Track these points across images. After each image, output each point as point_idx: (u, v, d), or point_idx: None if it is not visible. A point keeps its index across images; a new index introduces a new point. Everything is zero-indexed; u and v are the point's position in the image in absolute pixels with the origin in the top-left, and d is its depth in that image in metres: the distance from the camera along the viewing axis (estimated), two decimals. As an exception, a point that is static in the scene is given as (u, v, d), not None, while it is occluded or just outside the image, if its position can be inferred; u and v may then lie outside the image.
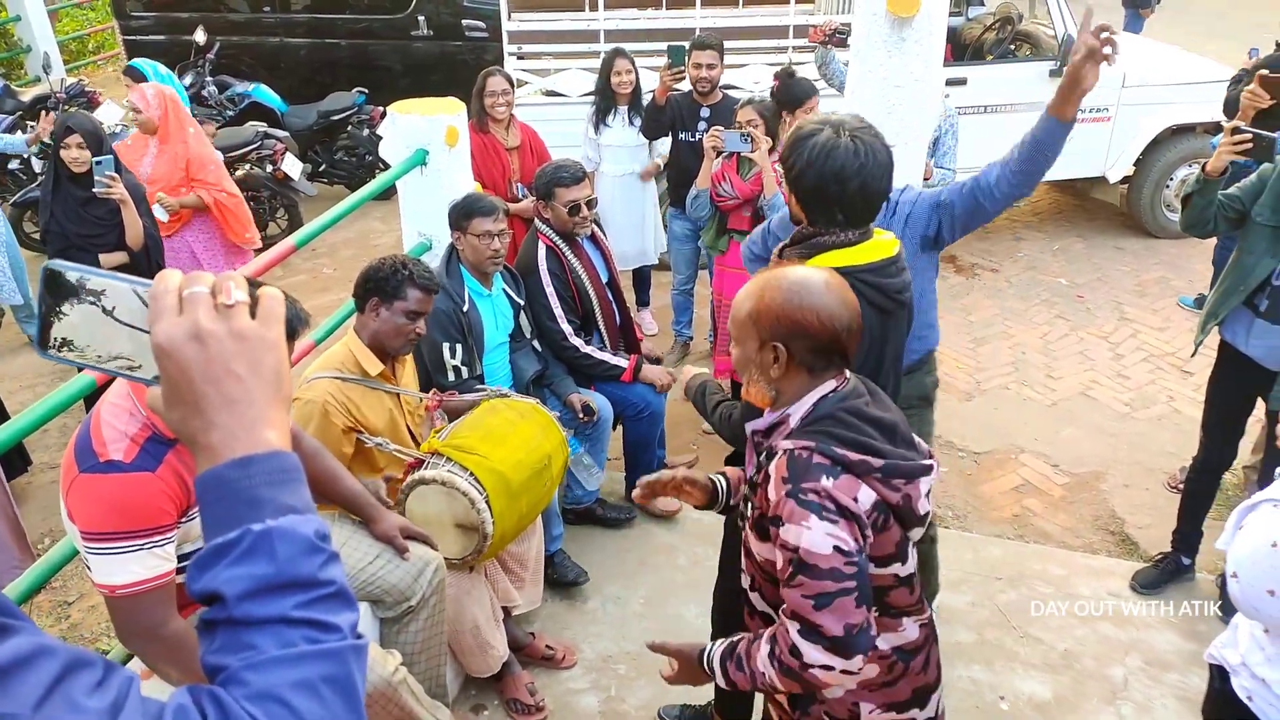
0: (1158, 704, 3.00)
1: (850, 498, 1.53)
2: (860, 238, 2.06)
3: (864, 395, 1.65)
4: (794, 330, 1.58)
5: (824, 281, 1.62)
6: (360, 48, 8.33)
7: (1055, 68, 6.02)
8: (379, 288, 2.67)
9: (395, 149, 3.86)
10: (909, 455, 1.61)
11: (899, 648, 1.72)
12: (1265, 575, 1.55)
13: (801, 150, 2.03)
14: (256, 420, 0.76)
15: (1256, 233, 3.01)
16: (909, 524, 1.64)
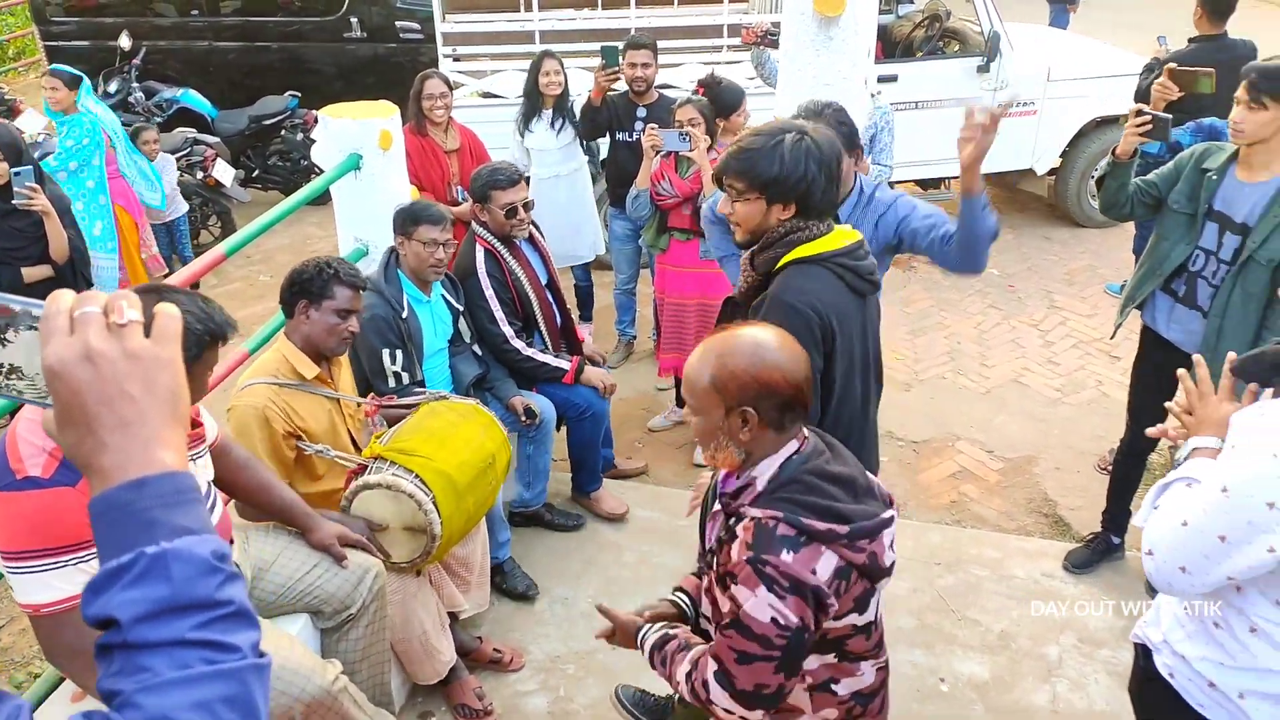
0: (1090, 680, 3.10)
1: (808, 570, 1.56)
2: (828, 229, 2.12)
3: (824, 452, 1.67)
4: (761, 392, 1.60)
5: (777, 338, 1.65)
6: (292, 51, 8.20)
7: (982, 63, 6.18)
8: (305, 289, 2.65)
9: (328, 153, 3.82)
10: (870, 509, 1.63)
11: (857, 692, 1.77)
12: (1176, 552, 1.60)
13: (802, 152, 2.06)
14: (150, 441, 0.75)
15: (1172, 219, 3.11)
16: (875, 578, 1.66)
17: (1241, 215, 2.91)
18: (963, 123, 2.45)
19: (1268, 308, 2.90)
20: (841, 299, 2.09)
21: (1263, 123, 2.81)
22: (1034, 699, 3.04)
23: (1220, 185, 2.96)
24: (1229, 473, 1.53)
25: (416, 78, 4.64)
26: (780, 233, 2.09)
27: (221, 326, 1.97)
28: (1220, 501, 1.52)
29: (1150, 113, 3.07)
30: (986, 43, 6.13)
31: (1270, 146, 2.85)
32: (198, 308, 1.94)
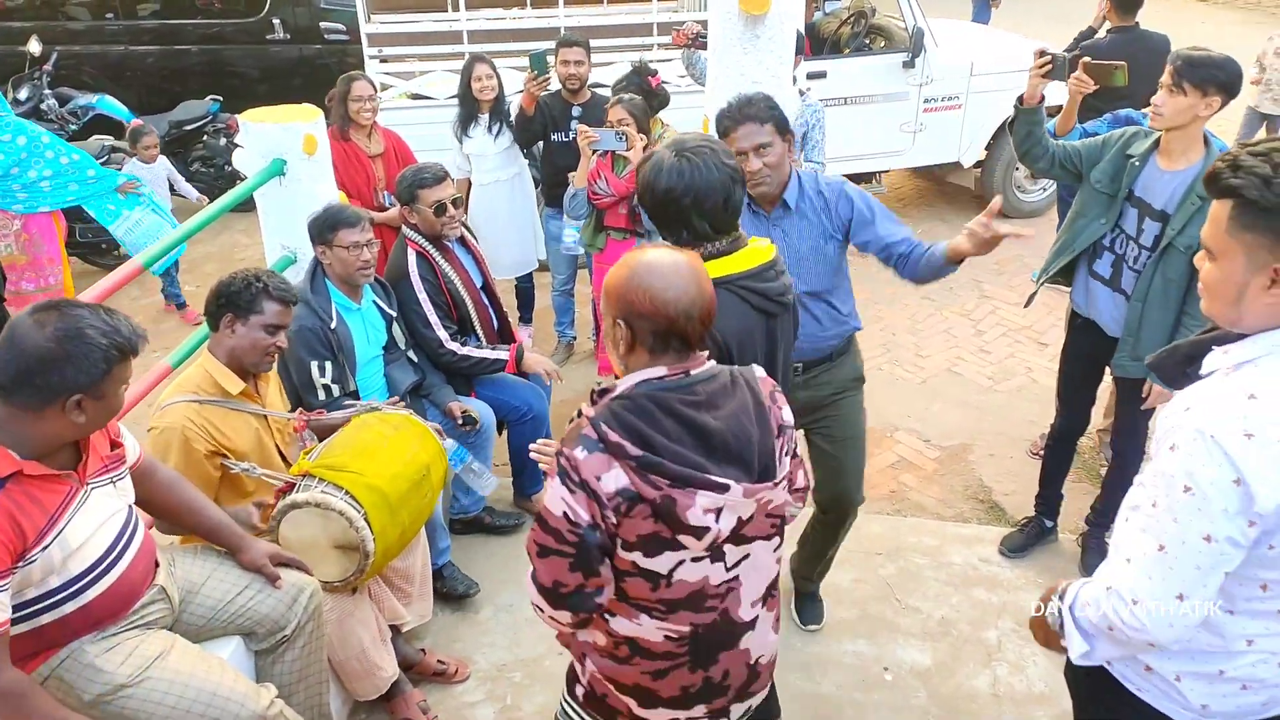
0: (1029, 662, 3.16)
1: (594, 476, 1.58)
2: (731, 246, 2.08)
3: (696, 395, 1.62)
4: (630, 310, 1.62)
5: (672, 265, 1.63)
6: (212, 54, 7.99)
7: (907, 59, 6.28)
8: (232, 302, 2.57)
9: (251, 159, 3.72)
10: (696, 461, 1.59)
11: (630, 638, 1.74)
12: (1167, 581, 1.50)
13: (640, 172, 2.10)
14: None
15: (1092, 196, 3.16)
16: (675, 528, 1.62)
17: (1160, 202, 2.98)
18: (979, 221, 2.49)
19: (1188, 294, 2.97)
20: (744, 322, 2.07)
21: (1181, 108, 2.87)
22: (976, 684, 3.10)
23: (1142, 171, 3.02)
24: (1181, 473, 1.44)
25: (340, 79, 4.55)
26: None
27: (129, 340, 1.89)
28: (1189, 505, 1.44)
29: (1050, 53, 3.17)
30: (911, 39, 6.23)
31: (1188, 135, 2.92)
32: (102, 321, 1.86)
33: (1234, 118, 7.06)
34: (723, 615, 1.74)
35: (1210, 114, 2.88)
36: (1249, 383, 1.44)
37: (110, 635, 2.03)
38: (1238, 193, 1.42)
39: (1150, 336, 3.06)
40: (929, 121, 6.54)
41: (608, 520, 1.60)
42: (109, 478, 2.03)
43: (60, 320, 1.80)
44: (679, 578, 1.67)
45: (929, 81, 6.41)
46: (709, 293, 1.65)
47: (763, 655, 1.87)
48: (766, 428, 1.70)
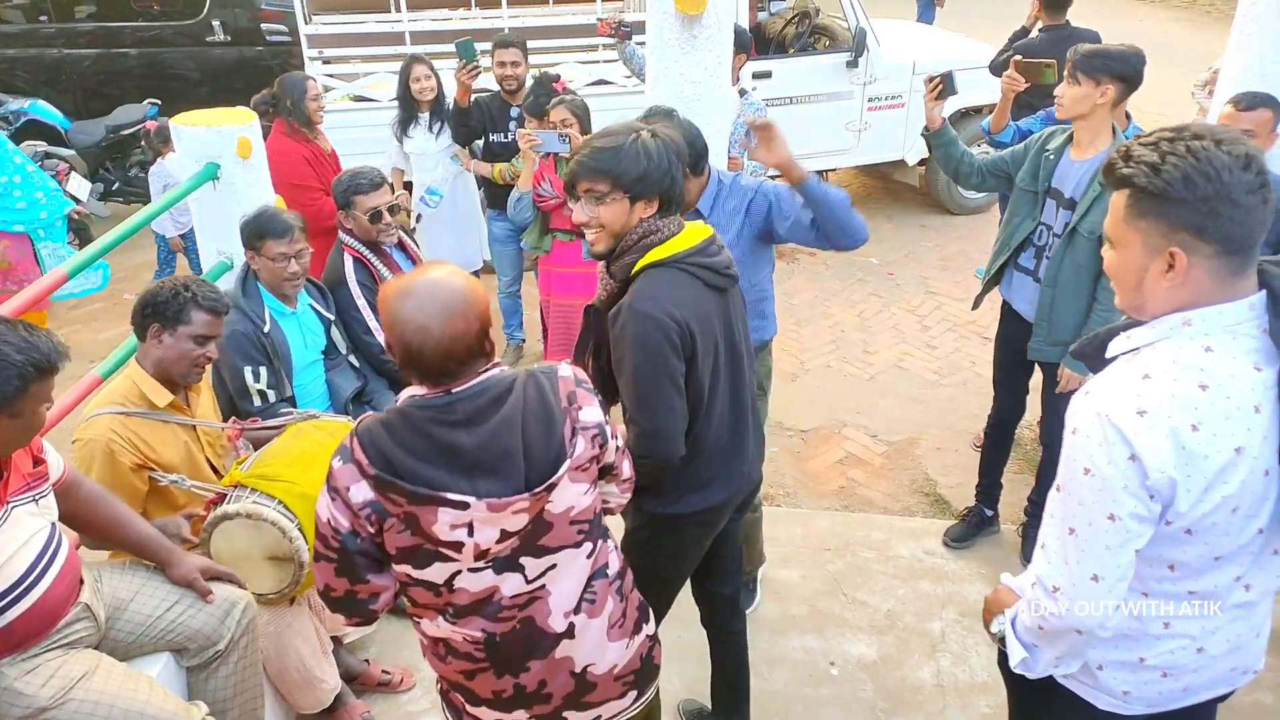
0: (972, 652, 3.20)
1: (345, 486, 1.63)
2: (679, 228, 2.10)
3: (453, 415, 1.61)
4: (392, 337, 1.62)
5: (426, 297, 1.58)
6: (151, 56, 7.81)
7: (851, 59, 6.33)
8: (159, 312, 2.51)
9: (183, 164, 3.64)
10: (441, 481, 1.59)
11: (439, 638, 1.80)
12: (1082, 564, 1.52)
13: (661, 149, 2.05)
14: None
15: (1020, 197, 3.28)
16: (425, 540, 1.64)
17: (1069, 190, 3.10)
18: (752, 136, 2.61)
19: (1098, 280, 3.07)
20: (699, 299, 2.09)
21: (1077, 97, 3.01)
22: (920, 675, 3.13)
23: (1057, 164, 3.15)
24: (1082, 455, 1.47)
25: (288, 80, 4.45)
26: (635, 236, 2.08)
27: (48, 355, 1.84)
28: (1091, 486, 1.46)
29: (933, 76, 3.33)
30: (854, 39, 6.29)
31: (1093, 125, 3.04)
32: (18, 336, 1.81)
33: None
34: (524, 624, 1.75)
35: (1107, 102, 2.99)
36: (1144, 364, 1.48)
37: (32, 656, 1.97)
38: (1130, 181, 1.45)
39: (1062, 321, 3.17)
40: (873, 120, 6.61)
41: (366, 529, 1.64)
42: (31, 495, 1.97)
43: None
44: (459, 586, 1.70)
45: (872, 81, 6.47)
46: (451, 329, 1.58)
47: (594, 665, 1.83)
48: (550, 434, 1.67)
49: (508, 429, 1.64)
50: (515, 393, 1.67)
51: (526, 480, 1.65)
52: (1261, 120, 3.07)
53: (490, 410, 1.64)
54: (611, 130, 2.09)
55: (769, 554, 3.64)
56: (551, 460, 1.67)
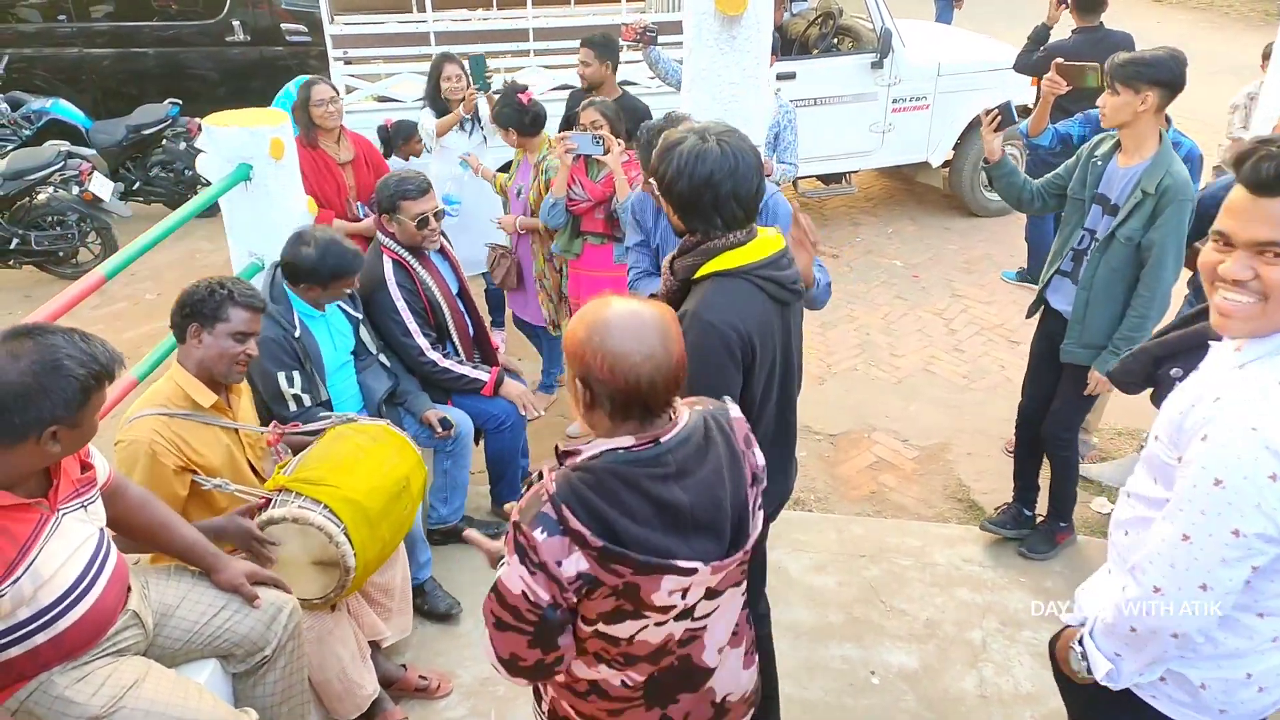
0: (1015, 663, 3.16)
1: (554, 560, 1.46)
2: (748, 237, 2.06)
3: (666, 466, 1.49)
4: (589, 372, 1.49)
5: (636, 325, 1.48)
6: (170, 56, 7.82)
7: (876, 60, 6.29)
8: (197, 311, 2.49)
9: (215, 164, 3.62)
10: (665, 546, 1.48)
11: (588, 680, 1.69)
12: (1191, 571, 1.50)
13: (670, 159, 2.00)
14: None
15: (1072, 205, 3.28)
16: (639, 606, 1.52)
17: (1114, 196, 3.11)
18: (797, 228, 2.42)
19: (1133, 286, 3.09)
20: (764, 312, 2.05)
21: (1117, 105, 3.01)
22: (962, 685, 3.09)
23: (1104, 170, 3.14)
24: (1215, 465, 1.42)
25: (298, 84, 4.42)
26: (695, 240, 2.06)
27: (107, 365, 1.82)
28: (1219, 497, 1.41)
29: (995, 106, 3.29)
30: (879, 40, 6.25)
31: (1137, 132, 3.03)
32: (79, 349, 1.78)
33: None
34: (682, 661, 1.67)
35: (1149, 109, 2.98)
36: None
37: (81, 665, 1.94)
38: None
39: (1095, 325, 3.19)
40: (897, 122, 6.57)
41: (568, 599, 1.50)
42: (80, 502, 1.95)
43: (36, 351, 1.72)
44: (640, 639, 1.60)
45: (897, 82, 6.43)
46: (676, 355, 1.50)
47: (731, 694, 1.79)
48: (740, 481, 1.60)
49: (719, 480, 1.54)
50: (713, 439, 1.57)
51: (734, 534, 1.57)
52: None
53: (697, 460, 1.53)
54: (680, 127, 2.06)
55: (802, 559, 3.60)
56: (742, 507, 1.58)
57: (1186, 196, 2.96)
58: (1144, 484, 1.71)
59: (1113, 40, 5.44)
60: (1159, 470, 1.64)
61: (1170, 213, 2.96)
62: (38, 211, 6.05)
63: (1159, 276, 3.03)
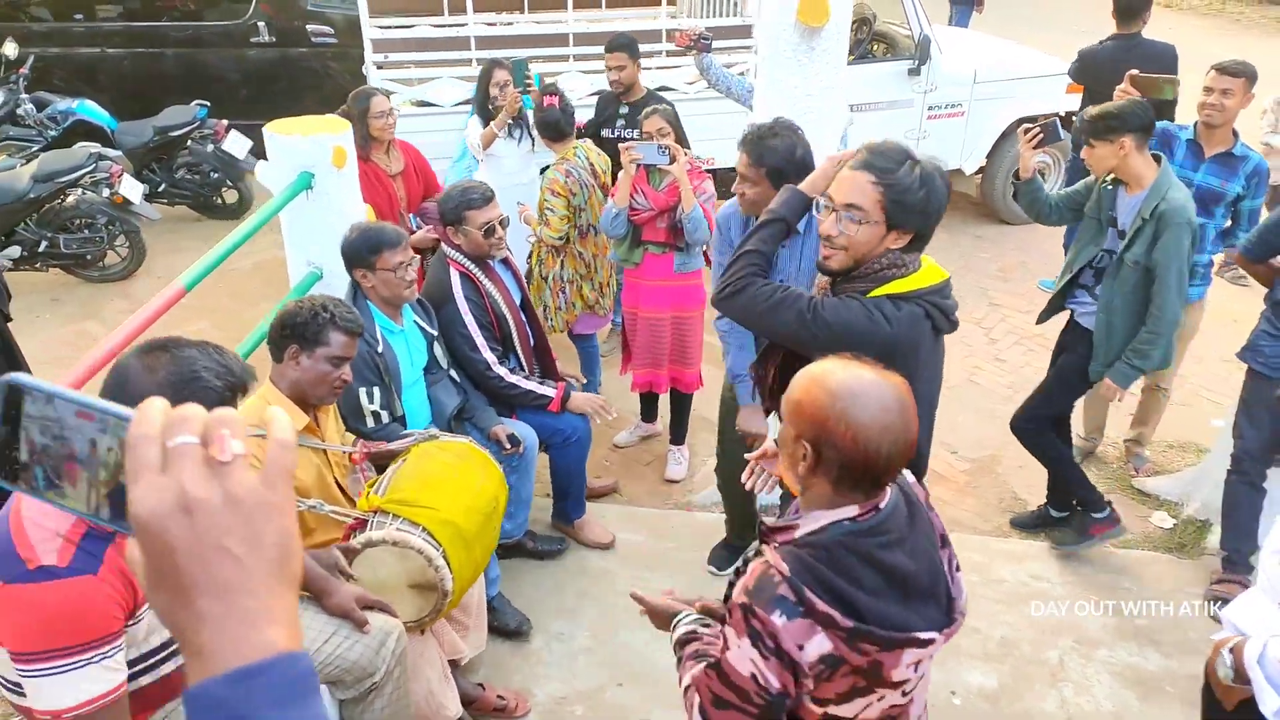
0: (1095, 682, 3.14)
1: (796, 645, 1.42)
2: (918, 265, 2.06)
3: (890, 533, 1.47)
4: (825, 439, 1.45)
5: (879, 396, 1.45)
6: (191, 57, 7.73)
7: (913, 66, 6.27)
8: (298, 333, 2.45)
9: (278, 173, 3.57)
10: (903, 619, 1.45)
11: None
12: None
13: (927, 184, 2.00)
14: (256, 614, 0.60)
15: (1086, 223, 3.46)
16: (874, 682, 1.49)
17: (1123, 222, 3.31)
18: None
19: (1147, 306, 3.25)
20: (926, 341, 2.04)
21: (1100, 157, 3.25)
22: (1044, 705, 3.07)
23: (1115, 196, 3.34)
24: None
25: (354, 96, 4.35)
26: (879, 265, 2.02)
27: (242, 378, 1.78)
28: None
29: (1033, 124, 3.42)
30: (917, 46, 6.22)
31: (1129, 171, 3.24)
32: (214, 361, 1.74)
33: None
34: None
35: (1128, 153, 3.19)
36: None
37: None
38: None
39: (1119, 345, 3.36)
40: (933, 129, 6.55)
41: (804, 685, 1.47)
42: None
43: (172, 363, 1.68)
44: (864, 716, 1.55)
45: (933, 89, 6.41)
46: (915, 429, 1.48)
47: None
48: (937, 544, 1.57)
49: (932, 545, 1.53)
50: (912, 501, 1.55)
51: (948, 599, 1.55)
52: None
53: (910, 525, 1.51)
54: (888, 150, 2.02)
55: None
56: (947, 572, 1.56)
57: (1183, 219, 3.12)
58: None
59: (1150, 50, 5.44)
60: None
61: (1168, 236, 3.13)
62: (67, 214, 5.96)
63: (1166, 296, 3.18)
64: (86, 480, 0.66)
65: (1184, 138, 3.72)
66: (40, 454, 0.66)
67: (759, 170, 2.71)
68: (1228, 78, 3.56)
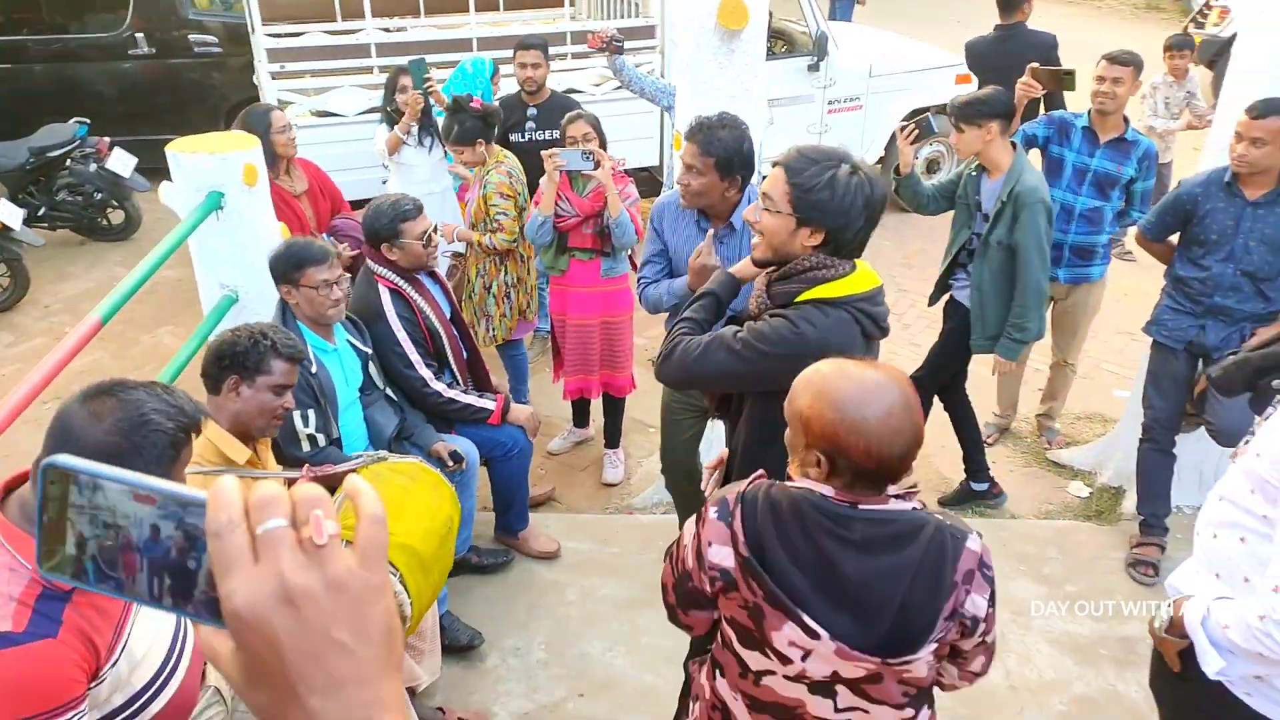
0: (1035, 651, 3.28)
1: (708, 541, 1.59)
2: (851, 269, 2.07)
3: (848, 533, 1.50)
4: (838, 450, 1.48)
5: (888, 405, 1.46)
6: (64, 71, 7.30)
7: (812, 62, 6.41)
8: (239, 363, 2.34)
9: (182, 193, 3.40)
10: (803, 597, 1.49)
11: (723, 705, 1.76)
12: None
13: (854, 186, 1.99)
14: (370, 706, 0.57)
15: (959, 209, 3.76)
16: (760, 636, 1.56)
17: (986, 206, 3.60)
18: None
19: (1012, 285, 3.55)
20: (854, 345, 2.05)
21: (968, 141, 3.53)
22: (991, 679, 3.15)
23: (979, 181, 3.63)
24: None
25: (250, 113, 4.12)
26: (806, 265, 2.04)
27: (194, 417, 1.68)
28: None
29: (910, 122, 3.70)
30: (815, 43, 6.36)
31: (991, 156, 3.53)
32: (164, 402, 1.64)
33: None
34: None
35: (994, 137, 3.48)
36: None
37: (167, 750, 1.80)
38: None
39: (990, 320, 3.68)
40: (833, 123, 6.71)
41: (703, 586, 1.62)
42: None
43: (119, 408, 1.57)
44: (766, 684, 1.61)
45: (832, 84, 6.57)
46: (921, 422, 1.51)
47: None
48: (930, 605, 1.51)
49: (897, 579, 1.49)
50: (919, 543, 1.51)
51: (886, 638, 1.50)
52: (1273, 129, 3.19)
53: (887, 548, 1.50)
54: (811, 151, 2.05)
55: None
56: (918, 630, 1.50)
57: (1036, 200, 3.42)
58: (1240, 492, 1.80)
59: (1031, 39, 5.72)
60: (1259, 485, 1.74)
61: (1025, 216, 3.43)
62: (-64, 245, 5.57)
63: (1029, 271, 3.49)
64: (148, 570, 0.61)
65: (1079, 125, 3.90)
66: (90, 545, 0.59)
67: (707, 160, 2.73)
68: (1118, 67, 3.75)
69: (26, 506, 1.57)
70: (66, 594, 1.51)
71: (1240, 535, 1.79)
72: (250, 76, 6.54)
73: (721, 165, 2.74)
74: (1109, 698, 3.10)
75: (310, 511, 0.57)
